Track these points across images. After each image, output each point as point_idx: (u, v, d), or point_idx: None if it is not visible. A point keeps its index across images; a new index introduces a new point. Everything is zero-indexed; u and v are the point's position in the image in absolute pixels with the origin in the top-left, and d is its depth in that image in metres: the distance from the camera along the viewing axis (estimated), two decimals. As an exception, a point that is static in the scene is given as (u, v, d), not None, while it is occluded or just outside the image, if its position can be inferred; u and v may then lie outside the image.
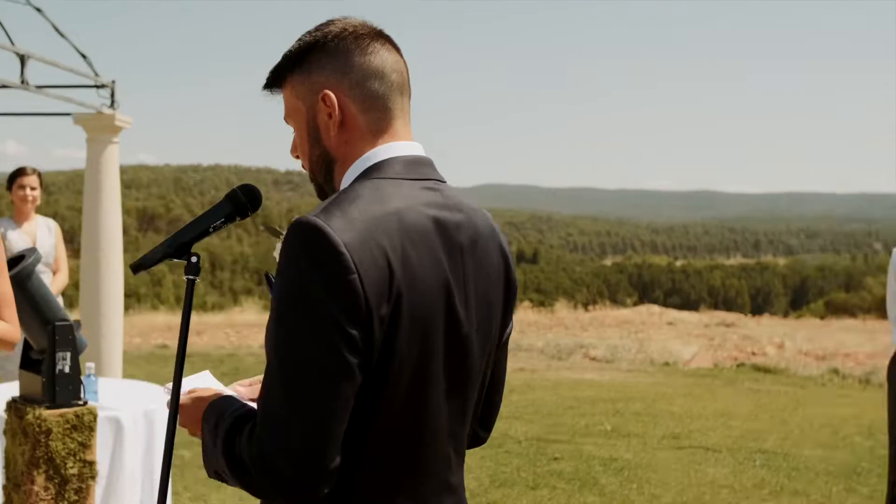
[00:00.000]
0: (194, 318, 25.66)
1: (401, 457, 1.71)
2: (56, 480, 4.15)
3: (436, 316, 1.69)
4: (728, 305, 77.14)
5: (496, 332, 1.89)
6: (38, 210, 6.93)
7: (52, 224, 6.89)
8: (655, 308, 29.09)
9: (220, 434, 1.69)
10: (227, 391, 1.97)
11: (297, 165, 1.92)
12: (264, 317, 20.80)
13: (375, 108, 1.79)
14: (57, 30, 7.73)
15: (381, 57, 1.80)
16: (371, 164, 1.76)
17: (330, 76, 1.78)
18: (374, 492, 1.69)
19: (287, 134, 1.93)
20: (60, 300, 6.78)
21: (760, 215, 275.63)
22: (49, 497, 4.13)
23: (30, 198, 6.68)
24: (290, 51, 1.83)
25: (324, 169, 1.84)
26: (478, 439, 2.05)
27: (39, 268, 6.54)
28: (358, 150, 1.79)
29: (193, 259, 2.03)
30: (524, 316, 26.58)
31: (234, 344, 17.44)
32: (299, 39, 1.83)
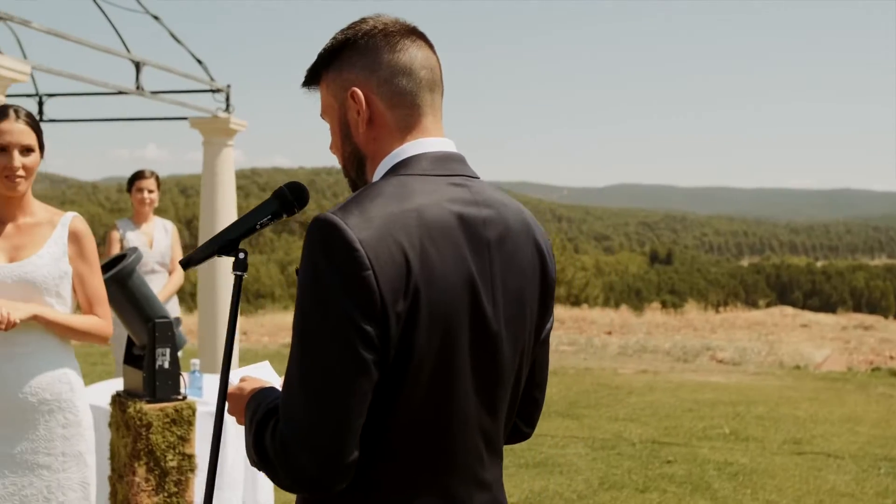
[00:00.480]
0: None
1: (423, 451, 1.70)
2: (156, 472, 4.27)
3: (459, 312, 1.68)
4: (872, 308, 74.24)
5: (531, 329, 1.87)
6: (167, 211, 7.19)
7: (169, 225, 7.12)
8: (789, 310, 28.36)
9: (253, 425, 1.72)
10: (278, 383, 2.00)
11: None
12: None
13: (403, 104, 1.79)
14: (174, 37, 7.99)
15: (409, 54, 1.80)
16: (398, 160, 1.77)
17: (359, 73, 1.80)
18: (395, 485, 1.69)
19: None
20: (176, 300, 7.01)
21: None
22: (150, 488, 4.26)
23: (147, 200, 6.92)
24: (324, 49, 1.86)
25: (356, 165, 1.86)
26: (521, 435, 2.04)
27: (155, 268, 6.78)
28: (387, 146, 1.80)
29: (241, 255, 2.06)
30: (652, 317, 26.23)
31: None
32: (333, 37, 1.86)
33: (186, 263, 2.13)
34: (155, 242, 6.93)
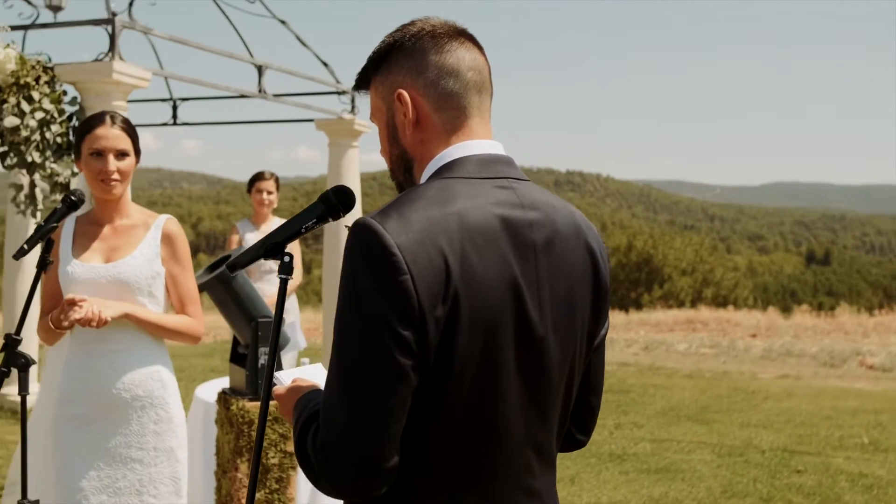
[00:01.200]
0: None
1: (466, 457, 1.68)
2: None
3: (503, 317, 1.66)
4: None
5: (583, 334, 1.83)
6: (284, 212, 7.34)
7: (287, 225, 7.26)
8: (951, 314, 26.82)
9: (297, 429, 1.73)
10: None
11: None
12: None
13: (450, 106, 1.78)
14: (301, 41, 8.15)
15: (457, 55, 1.79)
16: (444, 163, 1.77)
17: (406, 75, 1.79)
18: (436, 490, 1.68)
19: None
20: (294, 299, 7.14)
21: None
22: (251, 484, 4.34)
23: (266, 201, 7.08)
24: (373, 52, 1.86)
25: (403, 168, 1.86)
26: (575, 442, 2.01)
27: (273, 267, 6.92)
28: (433, 148, 1.79)
29: (286, 259, 2.07)
30: (801, 320, 25.26)
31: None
32: (382, 40, 1.86)
33: (232, 267, 2.15)
34: (273, 243, 7.07)
